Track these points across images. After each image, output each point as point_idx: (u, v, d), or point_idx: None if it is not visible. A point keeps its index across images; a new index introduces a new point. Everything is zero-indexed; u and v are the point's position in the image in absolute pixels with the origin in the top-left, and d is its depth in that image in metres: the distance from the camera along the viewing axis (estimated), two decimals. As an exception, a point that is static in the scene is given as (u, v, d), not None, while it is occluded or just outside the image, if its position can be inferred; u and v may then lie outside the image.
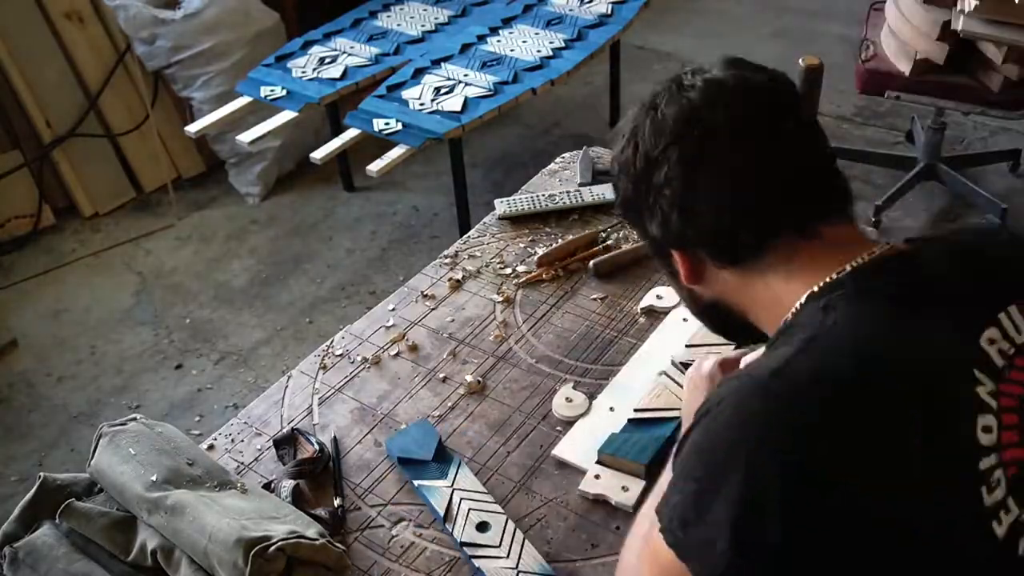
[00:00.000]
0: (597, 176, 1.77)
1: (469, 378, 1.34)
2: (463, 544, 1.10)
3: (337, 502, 1.16)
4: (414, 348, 1.42)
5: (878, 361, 0.74)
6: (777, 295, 0.85)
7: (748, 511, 0.71)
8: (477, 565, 1.07)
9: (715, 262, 0.88)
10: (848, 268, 0.81)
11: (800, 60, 1.20)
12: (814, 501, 0.70)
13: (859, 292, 0.79)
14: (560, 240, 1.61)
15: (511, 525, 1.12)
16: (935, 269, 0.82)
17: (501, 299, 1.50)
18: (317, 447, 1.22)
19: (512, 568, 1.07)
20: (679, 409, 1.20)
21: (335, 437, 1.26)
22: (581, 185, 1.76)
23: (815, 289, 0.81)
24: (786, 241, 0.84)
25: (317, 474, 1.20)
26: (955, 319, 0.78)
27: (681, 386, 1.26)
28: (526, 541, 1.10)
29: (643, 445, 1.18)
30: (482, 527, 1.12)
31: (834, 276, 0.81)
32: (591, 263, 1.54)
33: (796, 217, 0.84)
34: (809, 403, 0.73)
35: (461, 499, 1.15)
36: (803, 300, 0.82)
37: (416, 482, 1.18)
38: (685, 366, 1.29)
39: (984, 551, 0.72)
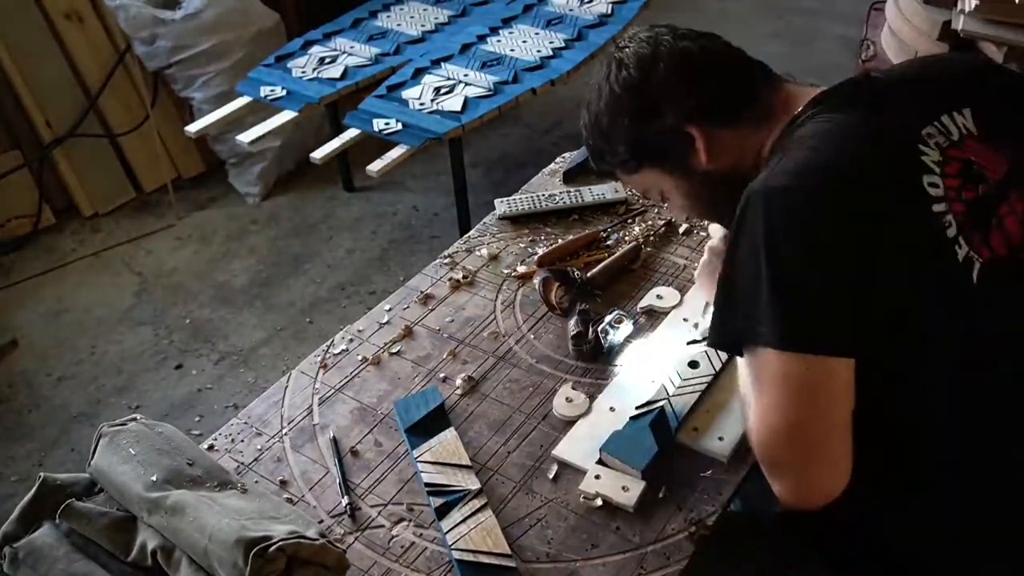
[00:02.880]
0: (586, 172, 1.78)
1: (458, 380, 1.34)
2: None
3: (345, 500, 1.16)
4: (413, 347, 1.42)
5: (844, 150, 0.98)
6: (767, 139, 1.09)
7: (783, 281, 0.94)
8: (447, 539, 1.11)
9: (722, 123, 1.11)
10: (808, 101, 1.07)
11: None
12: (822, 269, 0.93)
13: (823, 109, 1.04)
14: (560, 240, 1.61)
15: (477, 510, 1.14)
16: (886, 84, 1.09)
17: (501, 300, 1.50)
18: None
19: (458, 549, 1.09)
20: (675, 397, 1.25)
21: (334, 437, 1.26)
22: (565, 176, 1.78)
23: (791, 118, 1.07)
24: (763, 93, 1.12)
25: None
26: (902, 116, 1.02)
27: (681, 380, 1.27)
28: (483, 524, 1.12)
29: (645, 446, 1.18)
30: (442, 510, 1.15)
31: (801, 108, 1.07)
32: (536, 258, 1.58)
33: (762, 69, 1.15)
34: (798, 193, 0.95)
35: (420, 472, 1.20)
36: (782, 129, 1.07)
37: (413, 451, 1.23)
38: (690, 365, 1.30)
39: (956, 273, 0.96)
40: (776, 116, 1.09)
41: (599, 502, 1.15)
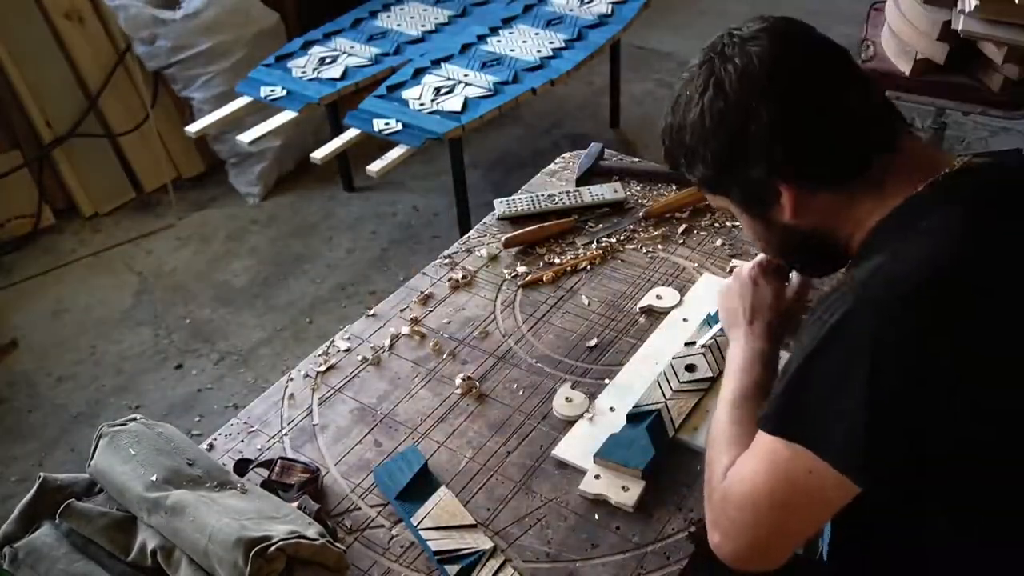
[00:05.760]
0: (594, 175, 1.78)
1: (458, 380, 1.34)
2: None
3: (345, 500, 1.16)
4: (413, 347, 1.42)
5: (964, 260, 0.88)
6: (871, 210, 0.97)
7: (877, 409, 0.84)
8: None
9: (819, 186, 0.98)
10: (931, 181, 0.94)
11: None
12: (935, 397, 0.84)
13: (942, 201, 0.92)
14: (560, 242, 1.61)
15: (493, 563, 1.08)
16: (1003, 184, 0.96)
17: (500, 300, 1.50)
18: (310, 466, 1.20)
19: None
20: (672, 400, 1.25)
21: (334, 437, 1.26)
22: (578, 181, 1.76)
23: (900, 202, 0.94)
24: (880, 162, 0.96)
25: (319, 487, 1.19)
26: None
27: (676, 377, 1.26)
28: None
29: (642, 449, 1.18)
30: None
31: (919, 189, 0.94)
32: (503, 239, 1.59)
33: (883, 131, 0.97)
34: (915, 306, 0.85)
35: (426, 541, 1.11)
36: (887, 214, 0.95)
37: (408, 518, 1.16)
38: (687, 369, 1.30)
39: None
40: (886, 191, 0.96)
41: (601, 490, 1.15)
